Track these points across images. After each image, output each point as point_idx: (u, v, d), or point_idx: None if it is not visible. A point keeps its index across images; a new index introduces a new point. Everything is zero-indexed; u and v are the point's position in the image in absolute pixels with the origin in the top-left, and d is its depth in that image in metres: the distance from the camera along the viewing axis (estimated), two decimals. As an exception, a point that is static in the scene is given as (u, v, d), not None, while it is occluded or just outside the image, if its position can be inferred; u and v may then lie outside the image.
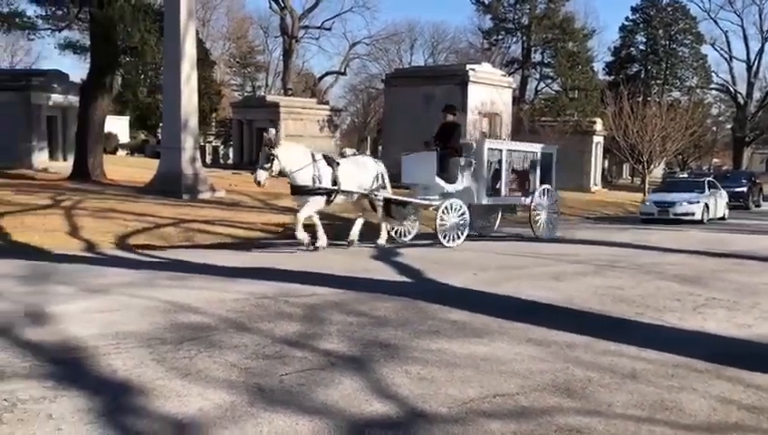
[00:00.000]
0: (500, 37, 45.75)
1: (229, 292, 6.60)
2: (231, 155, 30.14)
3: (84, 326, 5.13)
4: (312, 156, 9.91)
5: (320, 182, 9.81)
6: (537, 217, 12.56)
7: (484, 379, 4.21)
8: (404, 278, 8.02)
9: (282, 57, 53.06)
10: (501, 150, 12.16)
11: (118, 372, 4.13)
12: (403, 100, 22.84)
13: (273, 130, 9.97)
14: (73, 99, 20.70)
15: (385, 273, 8.25)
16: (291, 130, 26.15)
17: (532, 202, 12.39)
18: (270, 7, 50.82)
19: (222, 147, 49.12)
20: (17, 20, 19.65)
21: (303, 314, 5.79)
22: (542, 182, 12.75)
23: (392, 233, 11.29)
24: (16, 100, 20.29)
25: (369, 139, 42.19)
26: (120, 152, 33.24)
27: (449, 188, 11.24)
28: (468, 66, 22.72)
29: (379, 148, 31.28)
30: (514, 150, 12.54)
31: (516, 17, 44.25)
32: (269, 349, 4.71)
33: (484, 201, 11.97)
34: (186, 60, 15.72)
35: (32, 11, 20.11)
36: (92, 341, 4.73)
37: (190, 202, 14.39)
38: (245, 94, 54.57)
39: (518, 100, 37.37)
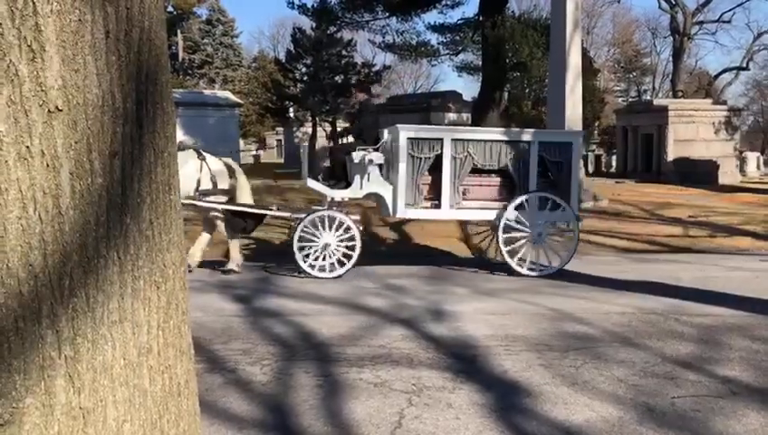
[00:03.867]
0: None
1: (613, 304, 6.45)
2: (614, 163, 29.39)
3: (477, 326, 5.56)
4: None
5: None
6: (514, 241, 8.14)
7: None
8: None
9: (671, 57, 50.01)
10: (440, 140, 7.94)
11: (508, 372, 4.37)
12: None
13: None
14: (465, 115, 22.63)
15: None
16: (680, 135, 24.29)
17: (501, 219, 8.03)
18: (659, 7, 48.33)
19: (605, 155, 48.23)
20: (422, 49, 22.36)
21: (698, 335, 5.34)
22: (542, 187, 8.13)
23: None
24: (418, 120, 22.95)
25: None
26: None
27: (335, 194, 8.31)
28: None
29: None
30: (471, 140, 8.04)
31: None
32: (658, 368, 4.46)
33: (403, 214, 8.20)
34: (570, 71, 15.84)
35: (434, 39, 22.65)
36: (484, 340, 5.10)
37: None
38: (630, 100, 52.69)
39: None
